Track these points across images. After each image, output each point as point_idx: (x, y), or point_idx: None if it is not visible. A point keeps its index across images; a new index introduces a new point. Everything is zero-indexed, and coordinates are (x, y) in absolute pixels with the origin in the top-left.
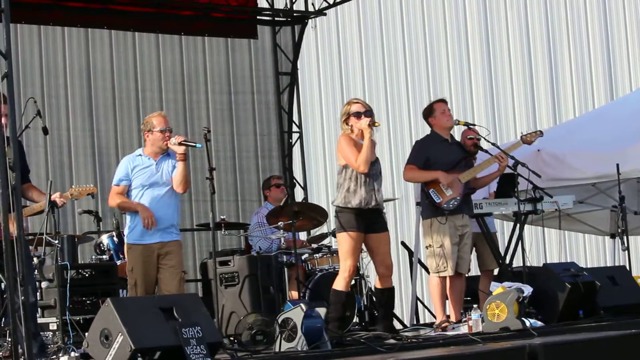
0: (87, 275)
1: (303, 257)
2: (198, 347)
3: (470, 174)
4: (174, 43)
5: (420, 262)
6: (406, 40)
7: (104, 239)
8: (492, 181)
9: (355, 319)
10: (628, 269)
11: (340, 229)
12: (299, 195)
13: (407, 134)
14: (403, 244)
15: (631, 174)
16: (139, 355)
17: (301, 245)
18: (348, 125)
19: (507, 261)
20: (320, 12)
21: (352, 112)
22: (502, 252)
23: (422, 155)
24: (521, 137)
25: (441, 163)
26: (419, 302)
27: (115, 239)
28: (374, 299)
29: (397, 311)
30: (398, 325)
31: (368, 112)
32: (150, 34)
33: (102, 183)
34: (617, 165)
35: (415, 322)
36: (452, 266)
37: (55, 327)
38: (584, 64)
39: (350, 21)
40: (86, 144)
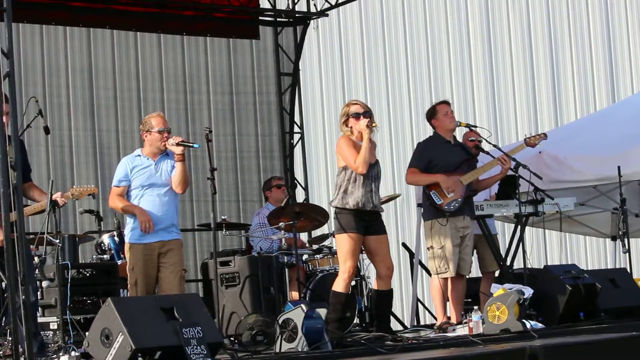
0: (87, 274)
1: (304, 257)
2: (198, 347)
3: (473, 176)
4: (175, 43)
5: (420, 263)
6: (408, 41)
7: (105, 239)
8: (494, 183)
9: (356, 320)
10: (629, 271)
11: (340, 230)
12: (300, 196)
13: (409, 134)
14: (404, 245)
15: (632, 177)
16: (140, 355)
17: (301, 244)
18: (347, 127)
19: (508, 263)
20: (322, 13)
21: (351, 113)
22: (503, 253)
23: (424, 157)
24: (525, 139)
25: (443, 165)
26: (419, 303)
27: (116, 238)
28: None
29: (397, 312)
30: (399, 327)
31: (367, 113)
32: (152, 34)
33: (104, 183)
34: (619, 167)
35: (415, 324)
36: (453, 268)
37: (55, 327)
38: (586, 66)
39: (352, 22)
40: (87, 144)
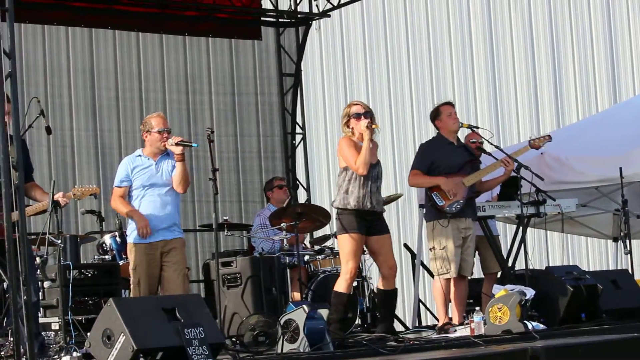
0: (89, 275)
1: (305, 258)
2: (200, 347)
3: (475, 178)
4: (177, 44)
5: (422, 264)
6: (410, 42)
7: (107, 239)
8: (497, 185)
9: (358, 321)
10: (630, 272)
11: (342, 231)
12: (301, 197)
13: (411, 135)
14: (406, 246)
15: (634, 178)
16: (141, 355)
17: (302, 241)
18: (349, 128)
19: (510, 264)
20: (324, 14)
21: (352, 114)
22: (505, 255)
23: (427, 159)
24: (529, 141)
25: (446, 167)
26: (421, 304)
27: (117, 239)
28: (376, 300)
29: (399, 313)
30: (400, 327)
31: (367, 114)
32: (154, 34)
33: (105, 183)
34: (620, 168)
35: (417, 324)
36: (455, 269)
37: (57, 327)
38: (588, 67)
39: (354, 23)
40: (89, 144)
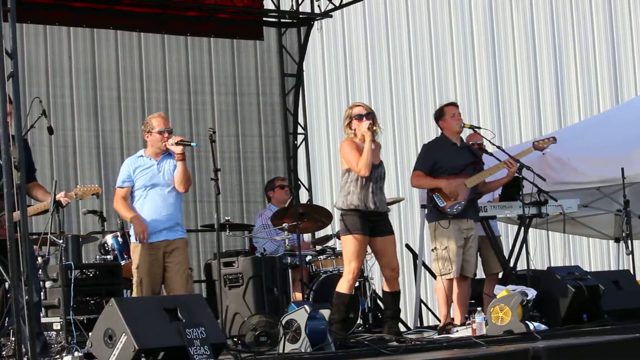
0: (91, 275)
1: (307, 258)
2: (202, 347)
3: (478, 179)
4: (179, 44)
5: (424, 264)
6: (412, 42)
7: (108, 239)
8: (500, 186)
9: (359, 321)
10: (632, 273)
11: (345, 232)
12: (303, 197)
13: (412, 136)
14: (407, 246)
15: (636, 178)
16: (143, 355)
17: (307, 248)
18: (351, 130)
19: (512, 264)
20: (326, 14)
21: (354, 115)
22: (506, 255)
23: (429, 159)
24: (534, 143)
25: (448, 168)
26: (422, 304)
27: (119, 239)
28: (380, 302)
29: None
30: (402, 328)
31: (369, 115)
32: (155, 34)
33: (107, 183)
34: (622, 169)
35: (419, 325)
36: (457, 269)
37: (59, 327)
38: (589, 67)
39: (355, 23)
40: (91, 144)
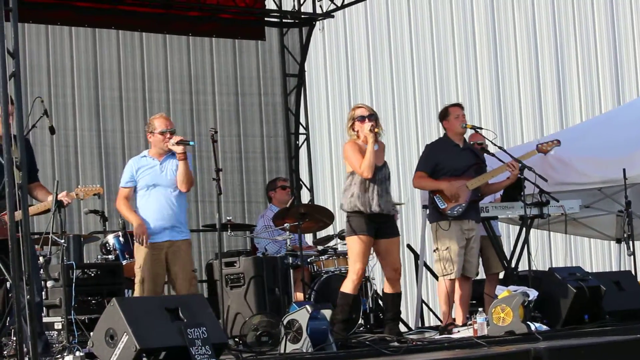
0: (92, 275)
1: (309, 259)
2: (203, 347)
3: (479, 181)
4: (181, 44)
5: (425, 265)
6: (413, 42)
7: (110, 239)
8: (502, 189)
9: (361, 321)
10: (633, 273)
11: (351, 233)
12: (305, 197)
13: (414, 136)
14: (409, 246)
15: (637, 179)
16: (144, 355)
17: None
18: (354, 131)
19: (513, 265)
20: (328, 15)
21: (356, 117)
22: (508, 256)
23: (431, 160)
24: (537, 146)
25: (450, 169)
26: (424, 304)
27: (121, 238)
28: (381, 303)
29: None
30: (403, 328)
31: (372, 116)
32: (157, 34)
33: (109, 183)
34: (624, 170)
35: (420, 325)
36: (458, 269)
37: (60, 327)
38: (591, 68)
39: (357, 23)
40: (93, 144)
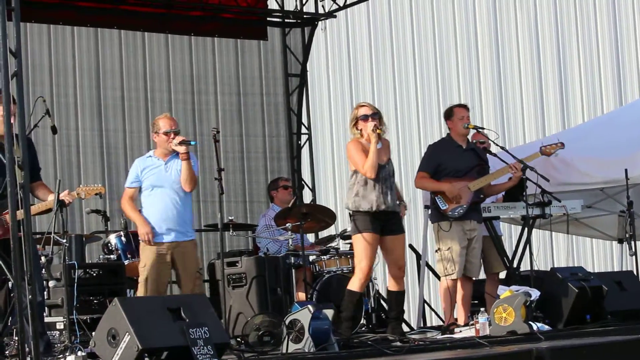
0: (94, 274)
1: (310, 259)
2: (205, 347)
3: (482, 183)
4: (183, 43)
5: (427, 264)
6: (416, 43)
7: (112, 239)
8: (504, 190)
9: (363, 321)
10: (635, 274)
11: (356, 231)
12: (307, 197)
13: (416, 136)
14: (411, 246)
15: (639, 179)
16: (146, 355)
17: (311, 249)
18: (358, 130)
19: (515, 265)
20: (330, 15)
21: (360, 116)
22: (510, 256)
23: (434, 161)
24: (540, 148)
25: (452, 170)
26: (426, 304)
27: (123, 238)
28: (383, 303)
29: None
30: (405, 328)
31: (375, 115)
32: (159, 34)
33: (110, 182)
34: (626, 170)
35: (422, 325)
36: (459, 269)
37: (62, 327)
38: (593, 69)
39: (359, 24)
40: (95, 144)
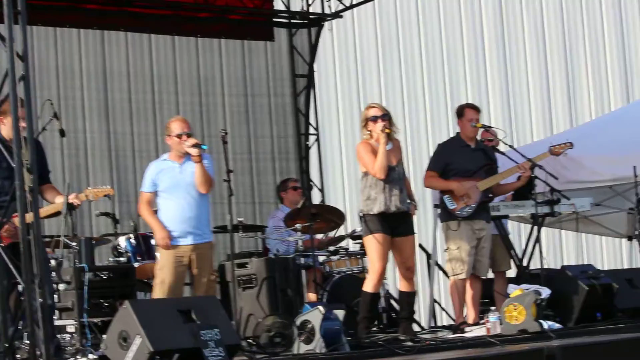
0: (104, 277)
1: (320, 259)
2: (216, 349)
3: (490, 182)
4: (190, 45)
5: (437, 264)
6: (423, 42)
7: (122, 241)
8: (513, 190)
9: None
10: None
11: (367, 232)
12: (316, 198)
13: (424, 136)
14: (420, 246)
15: None
16: (157, 357)
17: (319, 243)
18: (368, 131)
19: (525, 263)
20: (336, 15)
21: (369, 117)
22: (520, 254)
23: (442, 160)
24: (550, 148)
25: (460, 170)
26: (436, 304)
27: (132, 241)
28: (393, 303)
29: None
30: (416, 328)
31: (385, 116)
32: (166, 36)
33: (119, 185)
34: (634, 167)
35: (433, 324)
36: (468, 269)
37: (73, 330)
38: (600, 66)
39: (366, 23)
40: (103, 146)
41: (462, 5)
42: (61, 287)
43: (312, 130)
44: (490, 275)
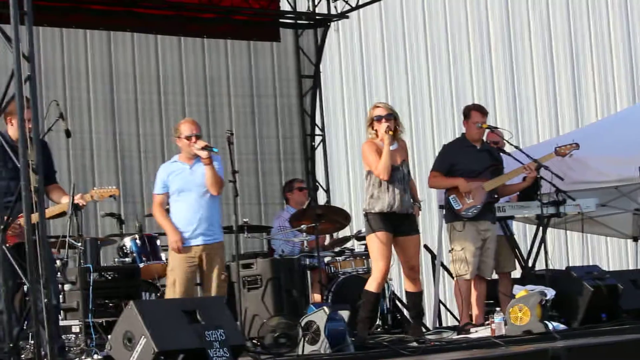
0: (109, 277)
1: (325, 260)
2: (221, 349)
3: (496, 183)
4: (196, 46)
5: (442, 265)
6: (429, 43)
7: (127, 242)
8: (518, 191)
9: (378, 322)
10: None
11: (370, 232)
12: (321, 198)
13: (430, 137)
14: (425, 247)
15: None
16: (162, 357)
17: (323, 241)
18: (373, 130)
19: (530, 264)
20: (342, 15)
21: (375, 116)
22: (525, 255)
23: (447, 161)
24: (555, 149)
25: (465, 170)
26: (441, 305)
27: (137, 241)
28: (398, 304)
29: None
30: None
31: (389, 116)
32: (172, 36)
33: (125, 186)
34: None
35: (437, 325)
36: (473, 270)
37: (78, 330)
38: (606, 66)
39: (372, 24)
40: (108, 147)
41: (468, 6)
42: (66, 287)
43: (317, 131)
44: (495, 276)
